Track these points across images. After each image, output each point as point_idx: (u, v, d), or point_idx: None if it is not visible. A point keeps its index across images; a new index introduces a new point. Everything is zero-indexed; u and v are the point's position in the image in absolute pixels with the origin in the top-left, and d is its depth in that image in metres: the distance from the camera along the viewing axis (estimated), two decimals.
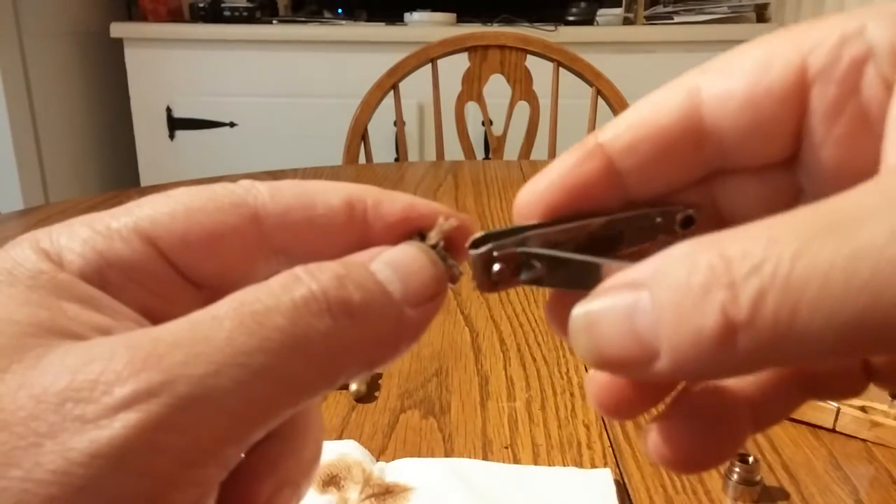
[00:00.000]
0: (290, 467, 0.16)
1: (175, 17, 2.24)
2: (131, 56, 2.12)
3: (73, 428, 0.12)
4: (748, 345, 0.11)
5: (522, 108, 1.41)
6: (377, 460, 0.39)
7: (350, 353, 0.14)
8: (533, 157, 1.42)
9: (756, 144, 0.15)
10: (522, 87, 1.42)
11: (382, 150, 1.93)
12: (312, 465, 0.17)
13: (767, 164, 0.15)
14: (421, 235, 0.17)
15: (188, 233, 0.15)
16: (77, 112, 2.23)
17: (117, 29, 2.09)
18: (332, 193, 0.16)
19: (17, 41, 1.95)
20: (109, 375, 0.12)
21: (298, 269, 0.14)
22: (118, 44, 2.11)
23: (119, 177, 2.41)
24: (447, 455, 0.39)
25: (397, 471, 0.37)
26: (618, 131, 0.16)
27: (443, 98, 1.39)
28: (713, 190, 0.16)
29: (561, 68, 1.38)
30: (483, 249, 0.16)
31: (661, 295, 0.12)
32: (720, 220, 0.16)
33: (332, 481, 0.36)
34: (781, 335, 0.10)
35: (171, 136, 2.17)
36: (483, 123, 1.46)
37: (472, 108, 1.42)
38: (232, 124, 2.15)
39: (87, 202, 0.87)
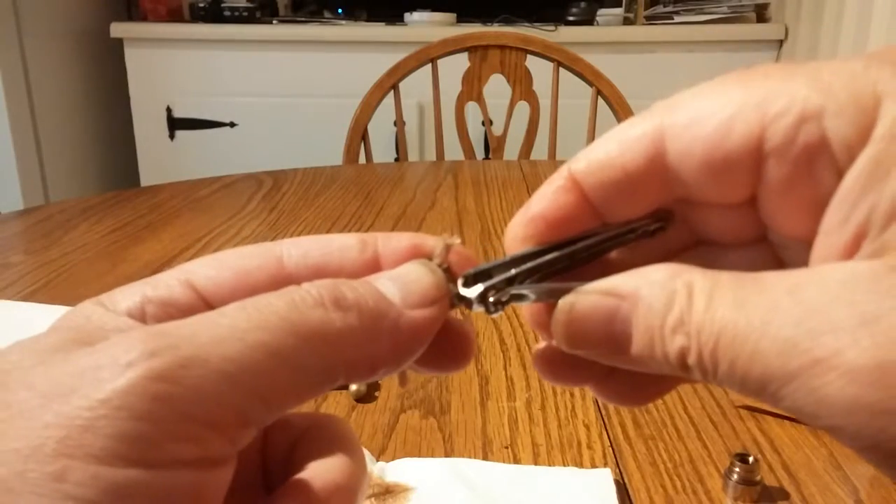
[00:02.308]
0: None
1: (175, 17, 2.24)
2: (131, 56, 2.12)
3: (87, 386, 0.13)
4: (692, 371, 0.14)
5: (522, 108, 1.41)
6: (377, 460, 0.39)
7: (347, 342, 0.15)
8: (533, 157, 1.42)
9: (715, 193, 0.16)
10: (522, 87, 1.42)
11: (382, 150, 1.93)
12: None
13: (729, 203, 0.17)
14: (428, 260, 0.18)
15: (221, 274, 0.18)
16: (77, 112, 2.23)
17: (117, 29, 2.08)
18: (345, 235, 0.19)
19: (17, 41, 1.95)
20: (121, 346, 0.14)
21: (303, 284, 0.16)
22: (118, 44, 2.11)
23: (119, 177, 2.41)
24: (447, 455, 0.39)
25: (397, 471, 0.37)
26: (589, 167, 0.17)
27: (443, 98, 1.39)
28: (682, 206, 0.18)
29: (561, 68, 1.38)
30: (477, 292, 0.17)
31: (638, 317, 0.15)
32: (688, 223, 0.18)
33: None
34: (711, 373, 0.14)
35: (172, 136, 2.17)
36: (483, 123, 1.46)
37: (472, 108, 1.42)
38: (232, 124, 2.15)
39: (86, 202, 0.87)
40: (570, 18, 2.15)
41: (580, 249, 0.18)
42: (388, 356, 0.16)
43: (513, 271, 0.17)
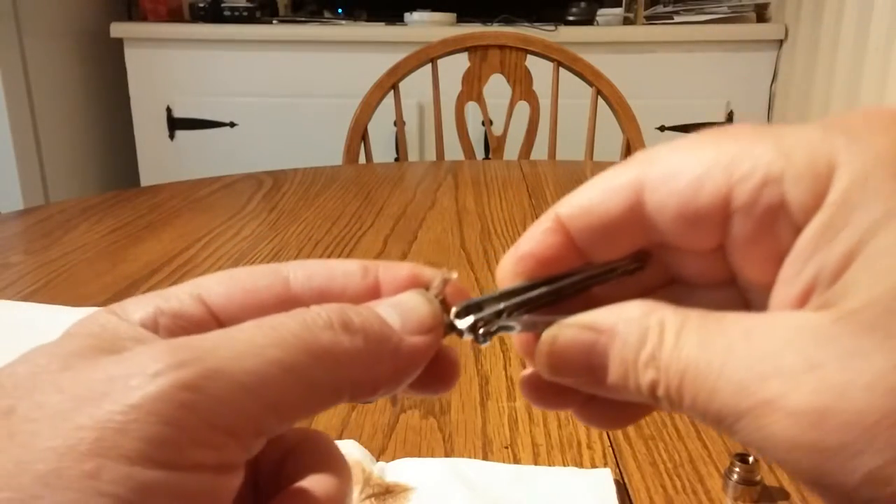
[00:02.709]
0: None
1: (175, 16, 2.24)
2: (131, 56, 2.12)
3: (117, 392, 0.14)
4: (661, 402, 0.16)
5: (522, 108, 1.41)
6: (377, 460, 0.39)
7: (353, 363, 0.17)
8: (533, 156, 1.42)
9: (687, 241, 0.18)
10: (522, 87, 1.42)
11: (382, 149, 1.93)
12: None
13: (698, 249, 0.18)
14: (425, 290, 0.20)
15: (231, 291, 0.19)
16: (77, 112, 2.23)
17: (117, 29, 2.08)
18: (349, 261, 0.20)
19: (17, 41, 1.95)
20: (149, 356, 0.15)
21: (311, 307, 0.17)
22: (118, 44, 2.11)
23: (119, 177, 2.41)
24: (447, 455, 0.39)
25: (397, 471, 0.37)
26: (574, 212, 0.19)
27: (443, 98, 1.39)
28: (660, 248, 0.19)
29: (561, 68, 1.38)
30: (468, 323, 0.19)
31: (614, 350, 0.17)
32: (664, 264, 0.20)
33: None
34: (677, 404, 0.16)
35: (171, 136, 2.17)
36: (483, 123, 1.46)
37: (472, 108, 1.42)
38: (232, 124, 2.15)
39: (86, 202, 0.87)
40: (570, 18, 2.15)
41: (565, 286, 0.19)
42: (388, 377, 0.17)
43: (501, 305, 0.19)
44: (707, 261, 0.18)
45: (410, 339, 0.18)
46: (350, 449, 0.38)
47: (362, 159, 1.35)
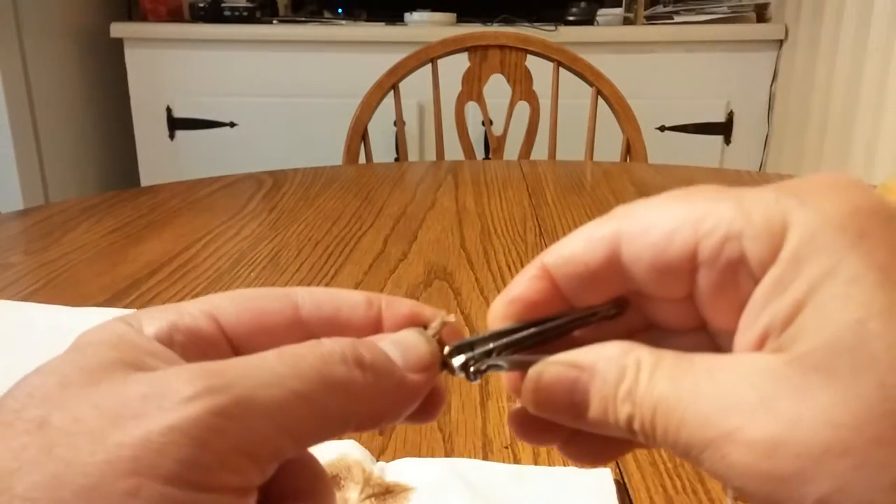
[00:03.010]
0: None
1: (175, 16, 2.24)
2: (131, 56, 2.12)
3: (153, 412, 0.15)
4: (638, 435, 0.17)
5: (522, 108, 1.41)
6: (377, 460, 0.39)
7: (362, 397, 0.18)
8: (533, 157, 1.42)
9: (660, 290, 0.19)
10: (522, 87, 1.42)
11: (382, 149, 1.93)
12: None
13: (671, 298, 0.20)
14: (423, 328, 0.21)
15: (243, 313, 0.20)
16: (77, 112, 2.23)
17: (117, 29, 2.09)
18: (354, 293, 0.22)
19: (17, 41, 1.95)
20: (183, 379, 0.16)
21: (323, 339, 0.18)
22: (118, 44, 2.11)
23: (119, 177, 2.41)
24: (447, 455, 0.39)
25: (397, 471, 0.37)
26: (558, 261, 0.20)
27: (443, 98, 1.39)
28: (636, 296, 0.21)
29: (561, 68, 1.38)
30: (461, 362, 0.20)
31: (595, 387, 0.18)
32: (640, 311, 0.21)
33: (332, 481, 0.36)
34: (651, 437, 0.17)
35: (171, 136, 2.17)
36: (483, 123, 1.46)
37: (472, 108, 1.42)
38: (232, 124, 2.15)
39: (87, 202, 0.87)
40: (570, 18, 2.15)
41: (550, 328, 0.21)
42: (390, 411, 0.19)
43: (491, 345, 0.21)
44: (679, 308, 0.20)
45: (411, 377, 0.19)
46: (350, 449, 0.38)
47: (362, 159, 1.35)
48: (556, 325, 0.21)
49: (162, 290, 0.60)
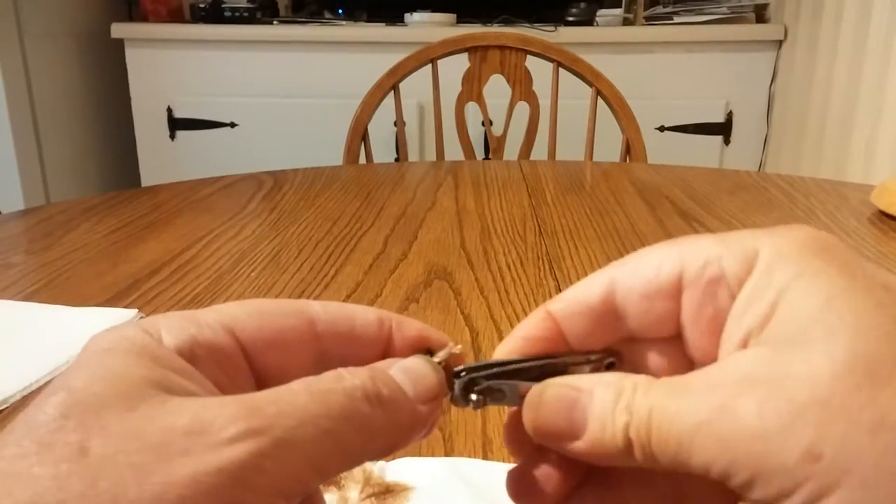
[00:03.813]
0: None
1: (175, 17, 2.25)
2: (132, 56, 2.12)
3: (199, 450, 0.15)
4: (634, 449, 0.18)
5: (522, 108, 1.42)
6: (377, 460, 0.39)
7: (381, 432, 0.19)
8: (533, 157, 1.42)
9: (651, 323, 0.21)
10: (522, 87, 1.42)
11: (383, 150, 1.93)
12: None
13: (663, 338, 0.22)
14: (429, 352, 0.22)
15: (262, 328, 0.20)
16: (78, 112, 2.23)
17: (118, 29, 2.09)
18: (367, 311, 0.22)
19: (17, 41, 1.95)
20: (225, 417, 0.16)
21: (340, 370, 0.19)
22: (119, 44, 2.11)
23: (119, 177, 2.42)
24: (447, 455, 0.40)
25: (397, 470, 0.37)
26: (561, 306, 0.22)
27: (443, 98, 1.39)
28: (628, 347, 0.23)
29: (561, 69, 1.38)
30: (463, 383, 0.22)
31: (593, 406, 0.19)
32: (632, 363, 0.23)
33: (332, 480, 0.36)
34: (649, 455, 0.18)
35: (172, 136, 2.17)
36: (483, 123, 1.46)
37: (472, 108, 1.43)
38: (232, 124, 2.15)
39: (87, 202, 0.87)
40: (570, 19, 2.15)
41: (549, 364, 0.22)
42: (400, 442, 0.20)
43: (494, 370, 0.22)
44: (668, 354, 0.22)
45: (421, 409, 0.20)
46: None
47: (362, 159, 1.35)
48: (553, 363, 0.22)
49: (163, 290, 0.60)
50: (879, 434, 0.15)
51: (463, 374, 0.22)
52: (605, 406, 0.19)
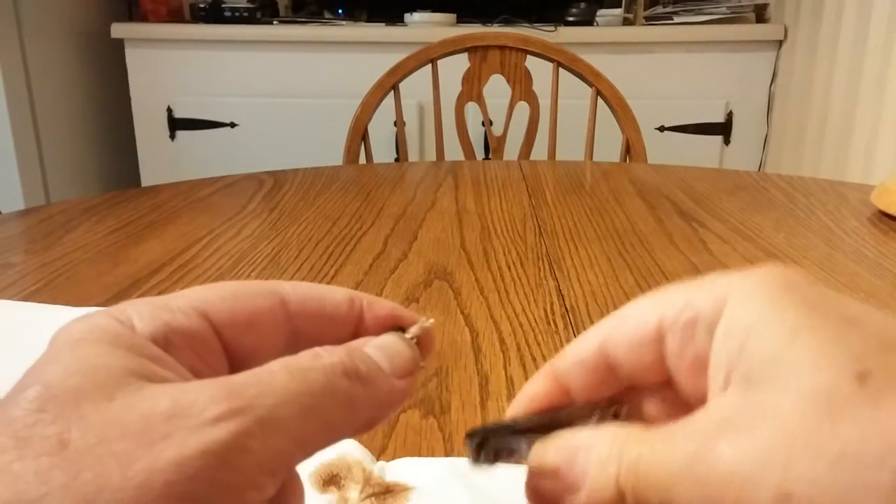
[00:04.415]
0: None
1: (176, 17, 2.25)
2: (132, 56, 2.12)
3: (182, 434, 0.15)
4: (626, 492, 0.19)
5: (522, 108, 1.42)
6: (377, 460, 0.39)
7: (361, 407, 0.19)
8: (533, 157, 1.42)
9: (642, 371, 0.22)
10: (522, 87, 1.42)
11: (382, 150, 1.93)
12: None
13: (659, 384, 0.22)
14: (401, 330, 0.23)
15: (234, 310, 0.20)
16: (78, 112, 2.23)
17: (118, 29, 2.09)
18: (337, 291, 0.23)
19: (17, 41, 1.95)
20: (206, 399, 0.16)
21: (317, 349, 0.19)
22: (119, 44, 2.11)
23: (119, 177, 2.42)
24: (447, 455, 0.40)
25: (397, 470, 0.37)
26: (560, 362, 0.23)
27: (443, 98, 1.39)
28: (630, 396, 0.24)
29: (561, 69, 1.38)
30: (477, 440, 0.22)
31: (591, 457, 0.20)
32: (637, 411, 0.24)
33: (332, 480, 0.36)
34: (641, 502, 0.18)
35: (172, 136, 2.17)
36: (483, 123, 1.46)
37: (472, 108, 1.43)
38: (232, 124, 2.15)
39: (87, 202, 0.87)
40: (570, 19, 2.15)
41: (556, 419, 0.23)
42: (381, 416, 0.20)
43: (505, 429, 0.23)
44: (668, 400, 0.23)
45: (398, 384, 0.21)
46: (350, 448, 0.38)
47: (362, 159, 1.35)
48: (561, 417, 0.23)
49: (163, 289, 0.60)
50: (842, 466, 0.15)
51: (476, 435, 0.23)
52: (600, 457, 0.20)
